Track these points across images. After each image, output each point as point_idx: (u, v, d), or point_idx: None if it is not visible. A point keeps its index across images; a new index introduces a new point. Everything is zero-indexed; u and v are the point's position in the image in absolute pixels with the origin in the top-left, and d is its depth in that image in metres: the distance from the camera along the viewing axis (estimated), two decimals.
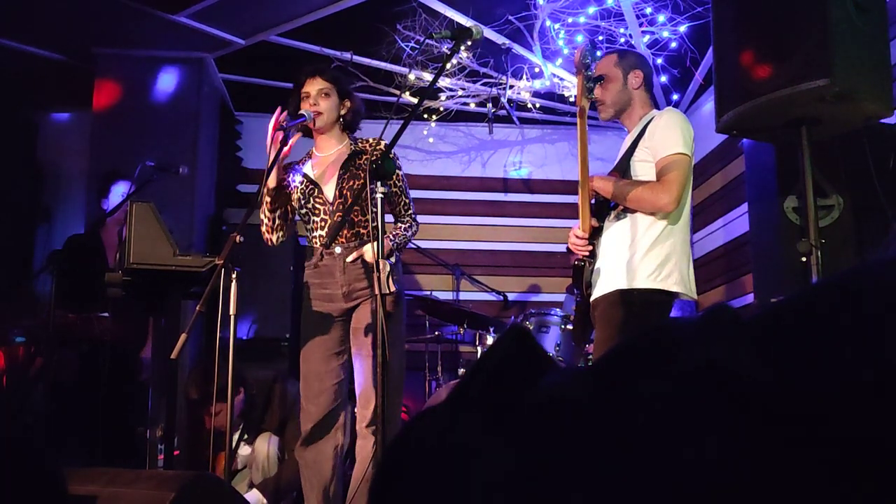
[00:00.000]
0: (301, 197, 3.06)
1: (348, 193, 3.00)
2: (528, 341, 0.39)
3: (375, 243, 2.60)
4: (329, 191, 3.05)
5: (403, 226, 3.10)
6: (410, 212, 3.12)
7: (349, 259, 2.97)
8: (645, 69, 2.99)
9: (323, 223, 3.04)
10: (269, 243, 3.14)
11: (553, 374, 0.37)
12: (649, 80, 3.00)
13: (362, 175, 2.94)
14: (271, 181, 2.97)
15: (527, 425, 0.34)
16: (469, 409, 0.36)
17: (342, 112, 3.11)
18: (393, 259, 3.03)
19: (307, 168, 3.11)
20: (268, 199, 3.01)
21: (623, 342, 0.37)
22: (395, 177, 3.05)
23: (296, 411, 3.34)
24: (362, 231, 3.02)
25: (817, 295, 0.37)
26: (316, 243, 3.05)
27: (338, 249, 3.01)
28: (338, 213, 3.00)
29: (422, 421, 0.38)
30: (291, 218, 3.16)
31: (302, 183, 3.07)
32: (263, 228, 3.08)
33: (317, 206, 3.06)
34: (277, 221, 3.07)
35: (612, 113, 2.97)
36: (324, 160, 3.12)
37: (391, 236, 3.01)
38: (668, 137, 2.77)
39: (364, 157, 3.04)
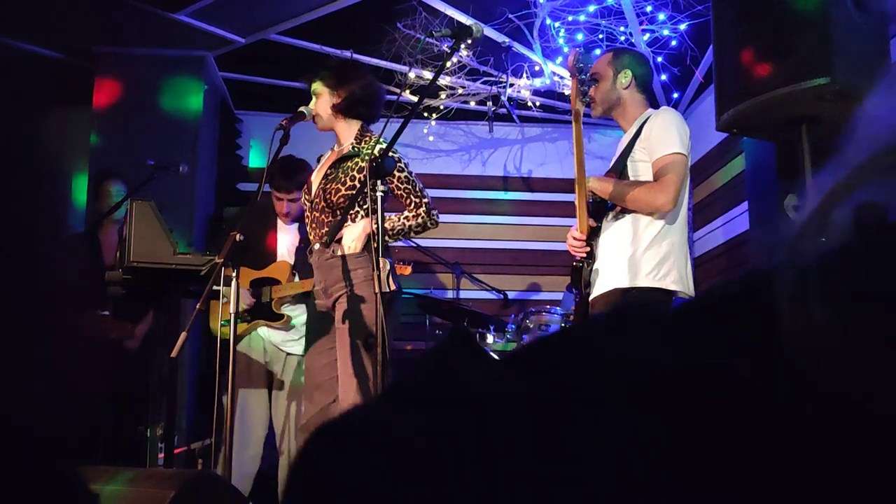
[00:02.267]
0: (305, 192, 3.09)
1: (324, 194, 2.95)
2: (469, 343, 0.40)
3: (354, 231, 2.60)
4: (314, 188, 3.05)
5: (407, 214, 2.97)
6: (422, 209, 2.96)
7: (327, 248, 2.92)
8: (639, 69, 2.98)
9: (308, 218, 3.06)
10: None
11: (487, 371, 0.38)
12: (644, 80, 3.00)
13: (344, 179, 2.92)
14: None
15: (444, 412, 0.35)
16: (402, 401, 0.38)
17: (335, 101, 3.05)
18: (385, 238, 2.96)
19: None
20: None
21: (539, 338, 0.39)
22: (395, 178, 2.92)
23: None
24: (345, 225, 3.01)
25: (723, 287, 0.38)
26: (312, 238, 3.06)
27: (316, 246, 3.00)
28: (314, 212, 3.00)
29: (350, 411, 0.39)
30: None
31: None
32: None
33: (306, 201, 3.07)
34: None
35: (601, 111, 2.99)
36: (329, 157, 3.14)
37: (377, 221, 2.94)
38: (664, 137, 2.77)
39: (355, 159, 2.98)
